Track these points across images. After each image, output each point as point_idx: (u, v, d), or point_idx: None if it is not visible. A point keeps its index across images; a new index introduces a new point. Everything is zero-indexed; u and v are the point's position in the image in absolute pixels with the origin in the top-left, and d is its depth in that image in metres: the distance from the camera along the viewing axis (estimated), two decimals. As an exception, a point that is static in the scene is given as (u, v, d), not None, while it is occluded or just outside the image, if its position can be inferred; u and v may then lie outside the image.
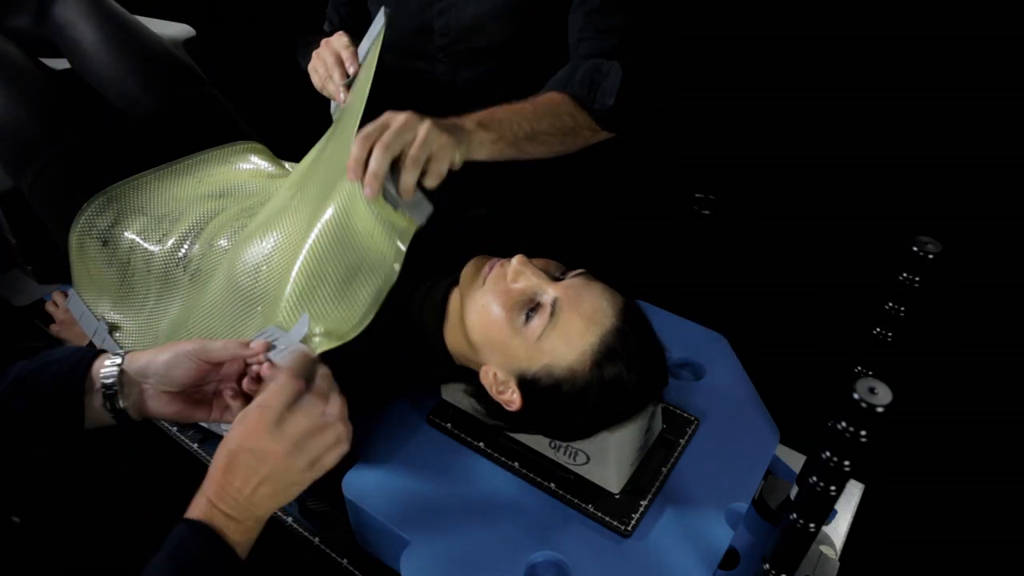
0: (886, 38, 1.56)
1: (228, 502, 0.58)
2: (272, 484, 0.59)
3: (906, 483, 1.47)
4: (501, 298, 0.79)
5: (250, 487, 0.59)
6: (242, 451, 0.59)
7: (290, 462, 0.60)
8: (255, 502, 0.59)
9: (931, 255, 0.77)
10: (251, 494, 0.59)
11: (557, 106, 0.99)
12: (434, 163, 0.78)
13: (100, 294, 1.04)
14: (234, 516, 0.58)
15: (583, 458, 0.83)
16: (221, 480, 0.59)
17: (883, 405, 0.51)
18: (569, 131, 1.00)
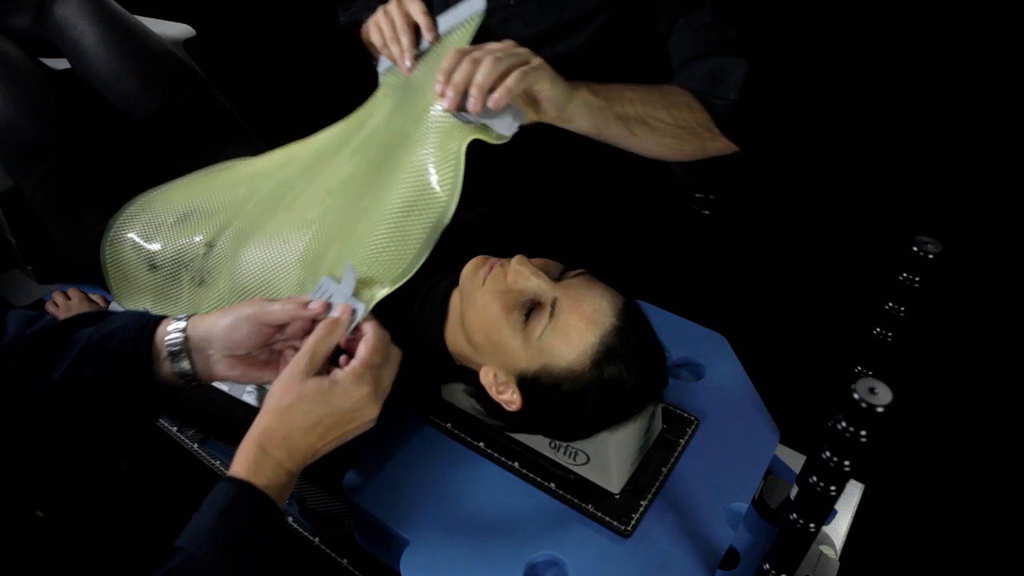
0: (886, 38, 1.56)
1: (296, 457, 0.60)
2: (322, 436, 0.62)
3: (906, 483, 1.47)
4: (501, 298, 0.79)
5: (308, 436, 0.61)
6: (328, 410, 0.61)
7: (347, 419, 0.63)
8: (314, 454, 0.62)
9: (931, 255, 0.77)
10: (301, 440, 0.61)
11: (675, 94, 0.92)
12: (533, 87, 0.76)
13: (142, 295, 1.04)
14: (282, 460, 0.60)
15: (583, 458, 0.83)
16: (274, 424, 0.60)
17: (883, 405, 0.51)
18: (684, 126, 0.92)
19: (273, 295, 0.86)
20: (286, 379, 0.63)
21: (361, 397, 0.63)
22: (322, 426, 0.62)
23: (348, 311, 0.66)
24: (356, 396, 0.62)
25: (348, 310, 0.67)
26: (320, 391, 0.62)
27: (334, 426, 0.63)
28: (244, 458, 0.60)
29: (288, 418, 0.61)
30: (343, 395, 0.62)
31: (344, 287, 0.71)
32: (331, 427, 0.63)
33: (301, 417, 0.61)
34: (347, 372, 0.63)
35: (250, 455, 0.60)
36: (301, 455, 0.62)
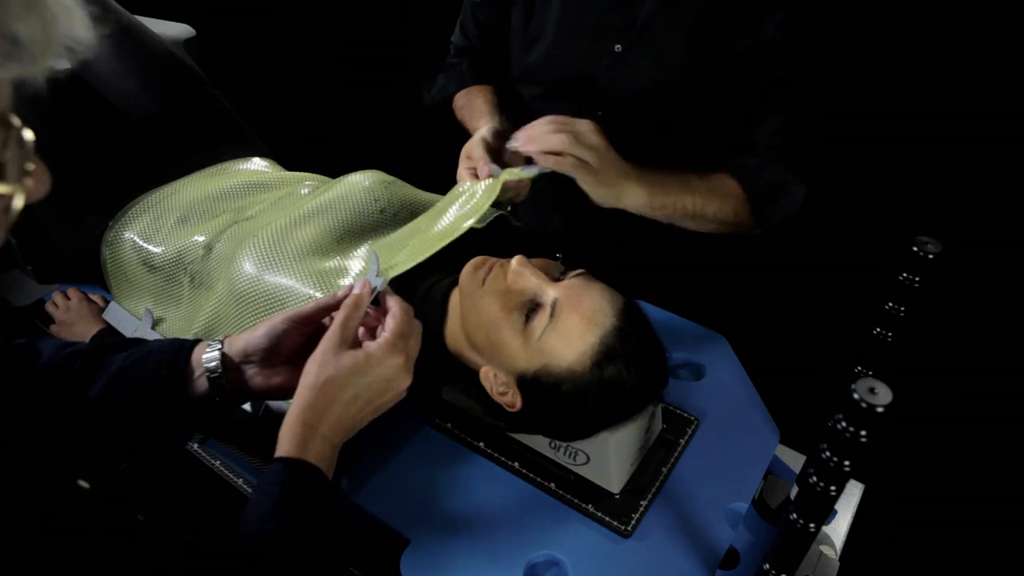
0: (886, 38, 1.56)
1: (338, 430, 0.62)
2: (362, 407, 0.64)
3: (906, 483, 1.47)
4: (501, 299, 0.79)
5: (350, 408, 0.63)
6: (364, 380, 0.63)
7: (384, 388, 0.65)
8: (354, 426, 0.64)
9: (931, 255, 0.77)
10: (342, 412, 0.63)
11: (730, 196, 0.97)
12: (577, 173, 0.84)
13: (142, 295, 1.04)
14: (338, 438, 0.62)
15: (583, 458, 0.83)
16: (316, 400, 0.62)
17: (883, 405, 0.51)
18: (724, 223, 0.98)
19: (272, 297, 0.86)
20: (320, 356, 0.64)
21: (395, 366, 0.65)
22: (361, 398, 0.63)
23: (368, 286, 0.69)
24: (390, 365, 0.64)
25: (367, 285, 0.69)
26: (356, 363, 0.63)
27: (372, 397, 0.64)
28: (291, 437, 0.61)
29: (328, 391, 0.62)
30: (378, 365, 0.64)
31: (369, 273, 0.74)
32: (369, 399, 0.64)
33: (339, 390, 0.62)
34: (380, 343, 0.65)
35: (296, 434, 0.61)
36: (343, 427, 0.63)
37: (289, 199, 1.05)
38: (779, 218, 1.00)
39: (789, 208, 0.99)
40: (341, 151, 2.11)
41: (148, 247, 1.03)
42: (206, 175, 1.13)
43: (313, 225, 0.93)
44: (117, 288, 1.06)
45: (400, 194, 1.00)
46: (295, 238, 0.90)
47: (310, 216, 0.95)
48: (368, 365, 0.64)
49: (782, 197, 0.99)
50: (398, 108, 2.31)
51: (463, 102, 1.14)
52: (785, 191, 0.99)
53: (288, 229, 0.91)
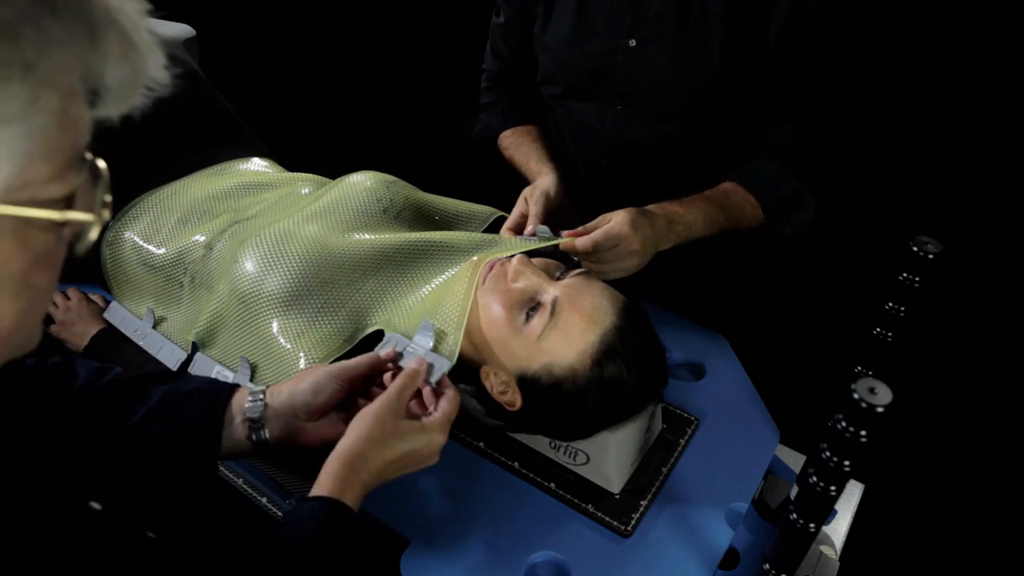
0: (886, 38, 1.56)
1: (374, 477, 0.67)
2: (399, 468, 0.69)
3: (906, 483, 1.47)
4: (501, 297, 0.79)
5: (390, 466, 0.68)
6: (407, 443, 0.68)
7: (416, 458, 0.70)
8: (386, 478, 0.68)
9: (931, 255, 0.77)
10: (383, 468, 0.67)
11: (746, 214, 1.01)
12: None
13: (142, 295, 1.04)
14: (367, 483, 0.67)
15: (583, 458, 0.83)
16: (367, 452, 0.66)
17: (883, 405, 0.51)
18: (735, 229, 1.02)
19: (274, 299, 0.86)
20: (378, 414, 0.68)
21: (437, 443, 0.71)
22: (401, 462, 0.69)
23: (424, 363, 0.75)
24: (435, 442, 0.70)
25: (424, 362, 0.75)
26: (412, 431, 0.69)
27: (409, 464, 0.70)
28: (333, 477, 0.65)
29: (380, 449, 0.67)
30: (426, 439, 0.70)
31: (422, 340, 0.80)
32: (407, 464, 0.70)
33: (389, 450, 0.67)
34: (434, 421, 0.71)
35: (340, 476, 0.65)
36: (377, 481, 0.68)
37: (290, 199, 1.05)
38: (792, 230, 1.03)
39: (803, 219, 1.03)
40: (341, 151, 2.11)
41: (148, 247, 1.03)
42: (206, 175, 1.13)
43: (317, 226, 0.93)
44: (117, 288, 1.06)
45: (402, 194, 1.00)
46: (299, 238, 0.90)
47: (313, 217, 0.94)
48: (418, 438, 0.69)
49: (796, 211, 1.02)
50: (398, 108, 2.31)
51: (510, 142, 1.18)
52: (800, 204, 1.02)
53: (291, 229, 0.91)
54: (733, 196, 1.02)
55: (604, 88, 1.09)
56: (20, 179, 0.33)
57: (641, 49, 1.04)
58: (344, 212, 0.95)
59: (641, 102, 1.08)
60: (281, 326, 0.85)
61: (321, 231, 0.92)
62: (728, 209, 1.01)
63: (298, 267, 0.86)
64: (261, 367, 0.86)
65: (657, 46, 1.03)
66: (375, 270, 0.90)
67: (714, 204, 1.00)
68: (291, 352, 0.84)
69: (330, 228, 0.93)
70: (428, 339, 0.80)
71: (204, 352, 0.91)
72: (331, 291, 0.87)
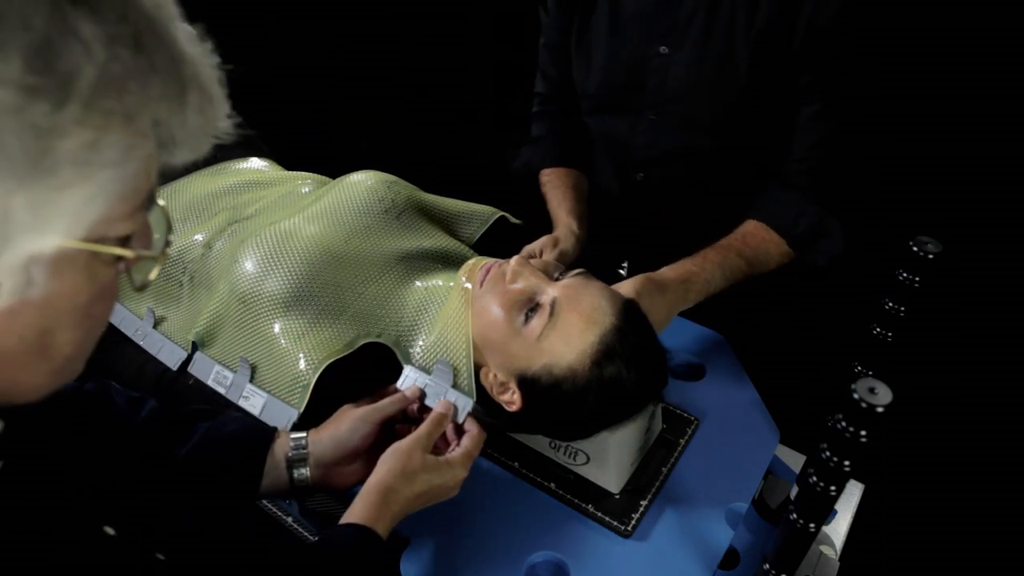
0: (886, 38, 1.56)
1: (403, 507, 0.71)
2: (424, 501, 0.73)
3: (906, 483, 1.47)
4: (500, 298, 0.79)
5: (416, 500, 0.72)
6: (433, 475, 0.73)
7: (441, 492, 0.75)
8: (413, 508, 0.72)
9: (931, 255, 0.77)
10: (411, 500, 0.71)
11: (771, 255, 1.02)
12: None
13: (141, 294, 1.04)
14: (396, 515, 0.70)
15: (583, 458, 0.83)
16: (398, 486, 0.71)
17: (883, 405, 0.51)
18: (768, 271, 1.03)
19: (272, 298, 0.86)
20: (410, 452, 0.73)
21: (458, 478, 0.75)
22: (427, 494, 0.73)
23: (451, 407, 0.80)
24: (456, 476, 0.75)
25: (451, 406, 0.80)
26: (438, 466, 0.73)
27: (432, 496, 0.73)
28: (367, 506, 0.69)
29: (409, 482, 0.71)
30: (450, 473, 0.74)
31: (441, 378, 0.82)
32: (430, 497, 0.73)
33: (419, 484, 0.72)
34: (457, 456, 0.75)
35: (373, 506, 0.69)
36: (403, 512, 0.71)
37: (289, 198, 1.05)
38: (824, 260, 1.03)
39: (833, 248, 1.02)
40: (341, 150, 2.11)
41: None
42: (205, 175, 1.13)
43: (318, 226, 0.92)
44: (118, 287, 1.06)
45: (403, 194, 1.00)
46: (300, 238, 0.90)
47: (315, 218, 0.94)
48: (443, 472, 0.73)
49: (820, 235, 1.02)
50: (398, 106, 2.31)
51: (548, 181, 1.19)
52: (825, 231, 1.02)
53: (292, 229, 0.91)
54: (752, 240, 1.02)
55: (637, 98, 1.09)
56: (104, 218, 0.35)
57: (672, 56, 1.04)
58: (345, 212, 0.95)
59: (673, 111, 1.08)
60: (282, 327, 0.85)
61: (322, 232, 0.91)
62: (749, 255, 1.01)
63: (299, 267, 0.86)
64: (261, 367, 0.86)
65: (687, 53, 1.03)
66: (378, 277, 0.90)
67: (732, 252, 1.00)
68: (291, 353, 0.84)
69: (331, 229, 0.92)
70: (447, 377, 0.82)
71: (204, 352, 0.91)
72: (333, 294, 0.86)
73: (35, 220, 0.31)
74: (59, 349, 0.39)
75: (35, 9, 0.29)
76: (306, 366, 0.82)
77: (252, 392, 0.86)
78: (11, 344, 0.36)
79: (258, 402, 0.85)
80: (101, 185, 0.33)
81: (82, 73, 0.30)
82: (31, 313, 0.36)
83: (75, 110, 0.30)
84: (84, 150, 0.31)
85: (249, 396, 0.86)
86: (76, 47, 0.30)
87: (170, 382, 0.92)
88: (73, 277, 0.36)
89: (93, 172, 0.32)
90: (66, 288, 0.36)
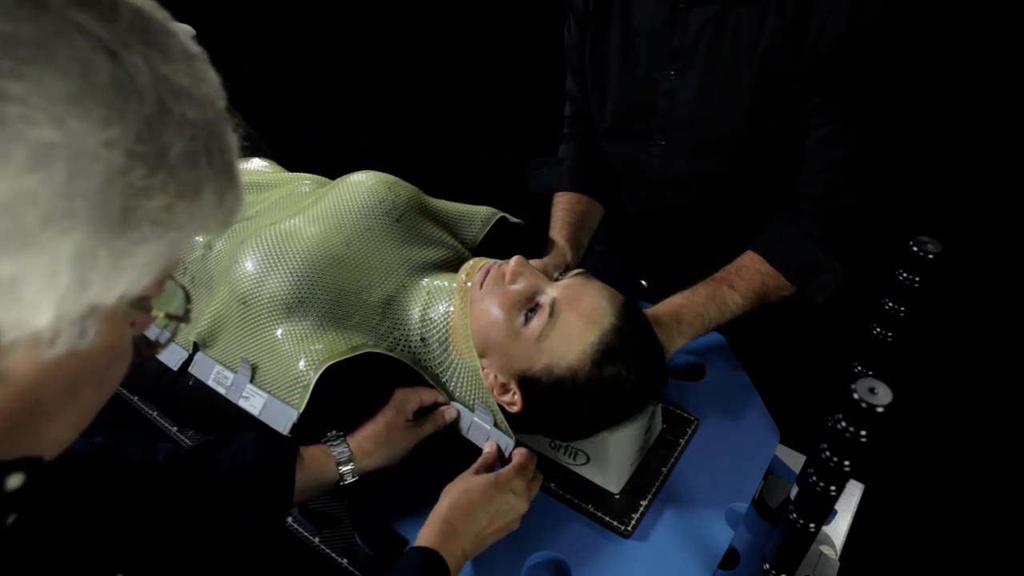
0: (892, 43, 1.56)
1: (470, 537, 0.72)
2: (494, 533, 0.75)
3: (906, 483, 1.47)
4: (500, 299, 0.79)
5: (485, 529, 0.74)
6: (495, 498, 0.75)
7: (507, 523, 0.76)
8: (480, 540, 0.74)
9: (931, 255, 0.77)
10: (481, 532, 0.73)
11: (767, 288, 1.01)
12: None
13: None
14: (468, 548, 0.73)
15: (583, 458, 0.83)
16: (464, 507, 0.73)
17: (883, 405, 0.51)
18: (767, 302, 1.02)
19: (273, 299, 0.86)
20: (461, 479, 0.77)
21: (519, 489, 0.76)
22: (491, 514, 0.74)
23: (495, 445, 0.82)
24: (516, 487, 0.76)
25: (495, 445, 0.82)
26: (490, 480, 0.75)
27: (498, 515, 0.74)
28: (433, 532, 0.71)
29: (470, 498, 0.74)
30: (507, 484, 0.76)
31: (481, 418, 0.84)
32: (496, 515, 0.74)
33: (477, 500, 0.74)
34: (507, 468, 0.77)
35: (440, 530, 0.71)
36: (474, 536, 0.73)
37: (290, 199, 1.05)
38: (821, 295, 1.01)
39: (829, 284, 1.01)
40: (341, 151, 2.11)
41: None
42: None
43: (319, 227, 0.92)
44: None
45: (404, 196, 1.00)
46: (300, 239, 0.90)
47: (315, 219, 0.94)
48: (499, 484, 0.75)
49: (818, 275, 1.01)
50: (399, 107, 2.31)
51: (559, 203, 1.20)
52: (820, 269, 1.01)
53: (292, 230, 0.91)
54: (746, 272, 1.02)
55: (648, 121, 1.08)
56: (159, 278, 0.39)
57: (680, 80, 1.03)
58: (346, 213, 0.95)
59: (683, 136, 1.07)
60: (283, 329, 0.85)
61: (323, 233, 0.91)
62: (742, 287, 1.00)
63: (299, 268, 0.86)
64: (261, 368, 0.86)
65: (693, 77, 1.02)
66: (380, 282, 0.90)
67: (724, 284, 1.00)
68: (292, 354, 0.84)
69: (332, 230, 0.92)
70: (488, 418, 0.83)
71: (204, 352, 0.91)
72: (335, 298, 0.86)
73: (111, 270, 0.35)
74: (84, 405, 0.41)
75: (147, 91, 0.34)
76: (306, 366, 0.82)
77: (252, 392, 0.86)
78: (47, 395, 0.38)
79: (258, 402, 0.85)
80: (168, 244, 0.37)
81: (173, 147, 0.35)
82: (71, 366, 0.37)
83: (162, 176, 0.35)
84: (162, 211, 0.35)
85: (249, 396, 0.86)
86: (172, 126, 0.35)
87: (170, 382, 0.92)
88: (113, 333, 0.39)
89: (165, 232, 0.36)
90: (105, 343, 0.38)
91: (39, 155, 0.31)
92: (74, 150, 0.31)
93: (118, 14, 0.34)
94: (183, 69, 0.36)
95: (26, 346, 0.34)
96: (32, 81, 0.31)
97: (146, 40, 0.35)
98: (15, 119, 0.30)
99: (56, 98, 0.31)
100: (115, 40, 0.33)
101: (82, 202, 0.32)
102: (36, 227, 0.31)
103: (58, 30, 0.32)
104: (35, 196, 0.31)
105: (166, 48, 0.36)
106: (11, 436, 0.38)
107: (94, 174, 0.32)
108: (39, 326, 0.34)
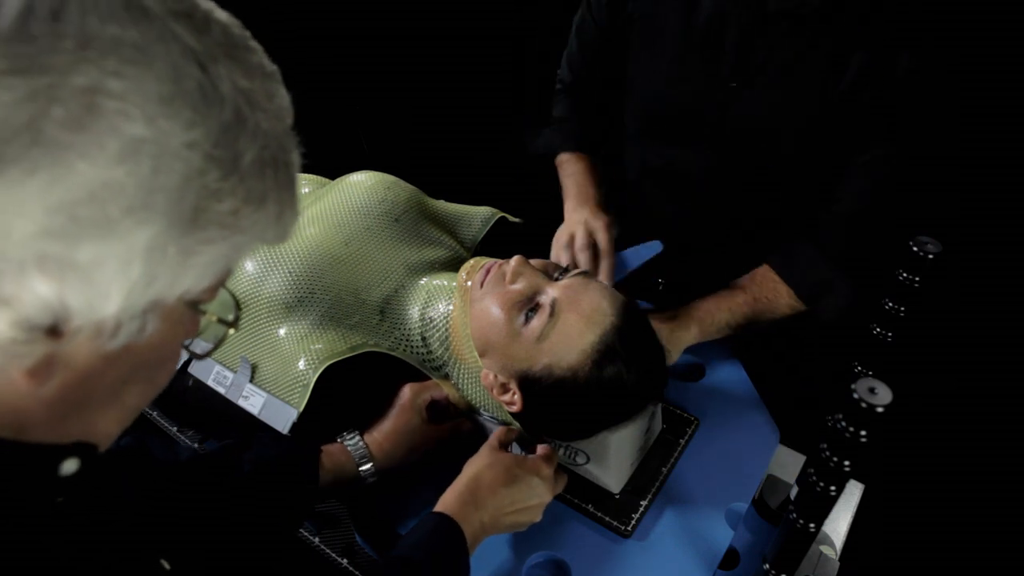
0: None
1: (490, 511, 0.72)
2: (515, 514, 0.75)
3: (906, 483, 1.47)
4: (500, 299, 0.79)
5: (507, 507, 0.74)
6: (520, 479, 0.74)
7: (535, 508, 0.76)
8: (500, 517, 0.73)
9: (931, 255, 0.77)
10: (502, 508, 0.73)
11: (779, 297, 1.01)
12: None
13: None
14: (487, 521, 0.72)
15: (583, 458, 0.83)
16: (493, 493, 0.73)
17: (883, 405, 0.51)
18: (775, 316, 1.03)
19: (272, 300, 0.86)
20: (484, 453, 0.77)
21: (544, 475, 0.76)
22: (513, 495, 0.74)
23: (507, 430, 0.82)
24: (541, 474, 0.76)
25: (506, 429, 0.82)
26: (516, 459, 0.76)
27: (520, 499, 0.74)
28: (456, 498, 0.72)
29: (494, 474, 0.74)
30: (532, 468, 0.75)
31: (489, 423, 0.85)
32: (518, 499, 0.74)
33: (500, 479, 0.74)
34: (533, 455, 0.78)
35: (462, 497, 0.72)
36: (492, 516, 0.72)
37: None
38: (831, 315, 1.01)
39: (838, 303, 1.00)
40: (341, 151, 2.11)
41: None
42: None
43: (318, 227, 0.92)
44: None
45: (403, 196, 1.00)
46: (300, 239, 0.90)
47: (315, 219, 0.94)
48: (526, 465, 0.75)
49: (828, 295, 1.00)
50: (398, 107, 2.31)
51: (567, 158, 1.19)
52: (830, 290, 1.00)
53: None
54: (763, 281, 1.02)
55: (698, 127, 1.06)
56: (219, 280, 0.41)
57: (741, 92, 1.00)
58: (345, 214, 0.95)
59: (732, 147, 1.04)
60: (283, 329, 0.85)
61: (322, 233, 0.91)
62: (755, 293, 1.01)
63: (299, 268, 0.86)
64: (261, 367, 0.86)
65: (758, 92, 0.99)
66: (380, 282, 0.90)
67: (738, 290, 1.01)
68: (292, 353, 0.84)
69: (331, 231, 0.92)
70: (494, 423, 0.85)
71: (204, 352, 0.91)
72: (335, 298, 0.86)
73: (177, 267, 0.36)
74: (132, 401, 0.43)
75: (227, 101, 0.36)
76: (306, 366, 0.82)
77: (252, 392, 0.86)
78: (101, 387, 0.39)
79: (257, 402, 0.85)
80: (231, 248, 0.38)
81: (246, 155, 0.37)
82: (127, 360, 0.39)
83: (234, 181, 0.37)
84: (230, 215, 0.37)
85: (249, 396, 0.86)
86: (247, 135, 0.37)
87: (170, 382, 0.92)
88: (167, 332, 0.40)
89: (230, 235, 0.38)
90: (160, 341, 0.40)
91: (129, 148, 0.33)
92: (160, 147, 0.33)
93: (209, 28, 0.37)
94: (259, 84, 0.39)
95: (89, 334, 0.36)
96: (131, 80, 0.33)
97: (230, 54, 0.37)
98: (113, 113, 0.32)
99: (150, 98, 0.33)
100: (205, 51, 0.36)
101: (161, 197, 0.34)
102: (118, 216, 0.33)
103: (158, 37, 0.34)
104: (121, 186, 0.33)
105: (246, 63, 0.38)
106: (64, 422, 0.39)
107: (175, 172, 0.34)
108: (106, 314, 0.35)
